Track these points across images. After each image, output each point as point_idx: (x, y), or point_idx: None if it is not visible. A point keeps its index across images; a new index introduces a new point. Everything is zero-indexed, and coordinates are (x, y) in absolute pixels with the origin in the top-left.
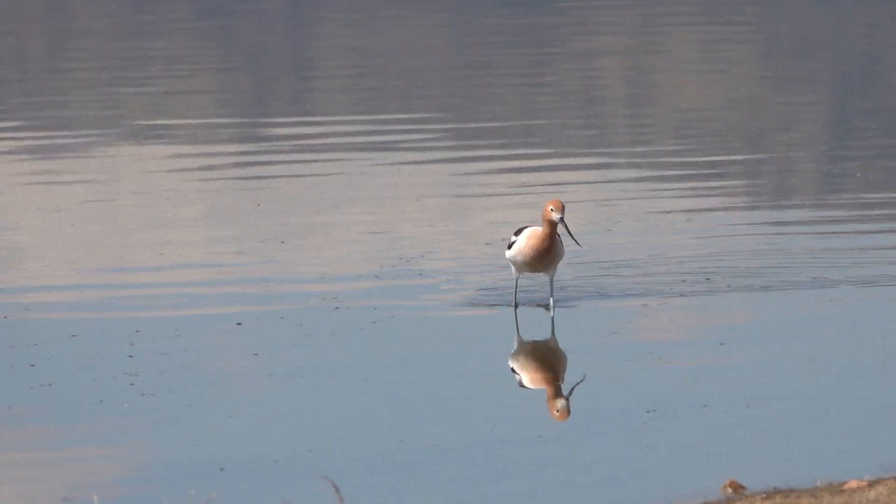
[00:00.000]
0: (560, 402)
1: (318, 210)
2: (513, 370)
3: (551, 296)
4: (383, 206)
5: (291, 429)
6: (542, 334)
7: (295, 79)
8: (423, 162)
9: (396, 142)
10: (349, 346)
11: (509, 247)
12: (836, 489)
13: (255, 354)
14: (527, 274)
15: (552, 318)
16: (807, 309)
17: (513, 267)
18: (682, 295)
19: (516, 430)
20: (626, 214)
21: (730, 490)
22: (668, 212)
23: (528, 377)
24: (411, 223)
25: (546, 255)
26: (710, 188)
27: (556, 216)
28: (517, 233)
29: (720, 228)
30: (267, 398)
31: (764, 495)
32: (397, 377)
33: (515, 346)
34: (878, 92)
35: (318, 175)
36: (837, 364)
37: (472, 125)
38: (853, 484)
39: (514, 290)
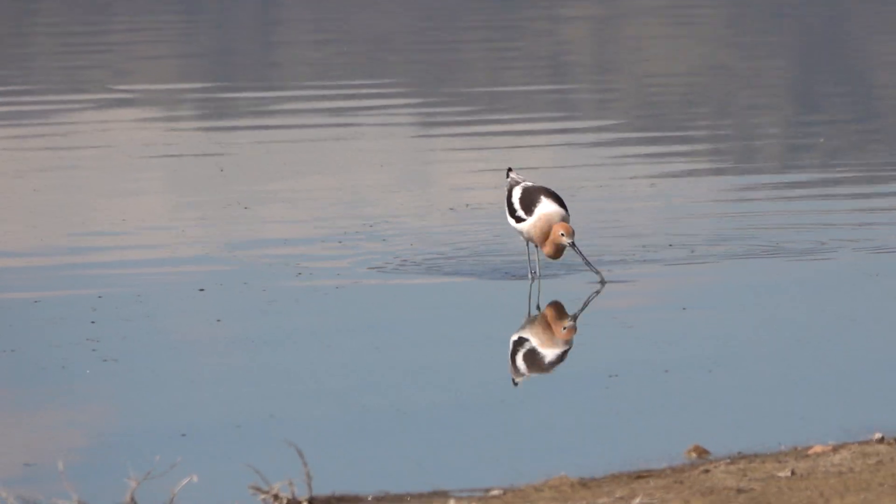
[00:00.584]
0: (567, 322)
1: (281, 176)
2: (514, 340)
3: (535, 269)
4: (347, 171)
5: (254, 395)
6: (508, 301)
7: (259, 45)
8: (387, 127)
9: (361, 108)
10: (312, 311)
11: (510, 209)
12: (800, 454)
13: (218, 320)
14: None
15: (536, 285)
16: (769, 275)
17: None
18: (644, 261)
19: (479, 395)
20: (590, 180)
21: (694, 455)
22: (632, 178)
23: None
24: (375, 189)
25: (551, 256)
26: (675, 153)
27: (566, 241)
28: (524, 202)
29: (684, 195)
30: (230, 364)
31: (728, 460)
32: (360, 343)
33: (525, 315)
34: (843, 58)
35: (281, 141)
36: (800, 330)
37: (437, 92)
38: (818, 449)
39: (527, 259)
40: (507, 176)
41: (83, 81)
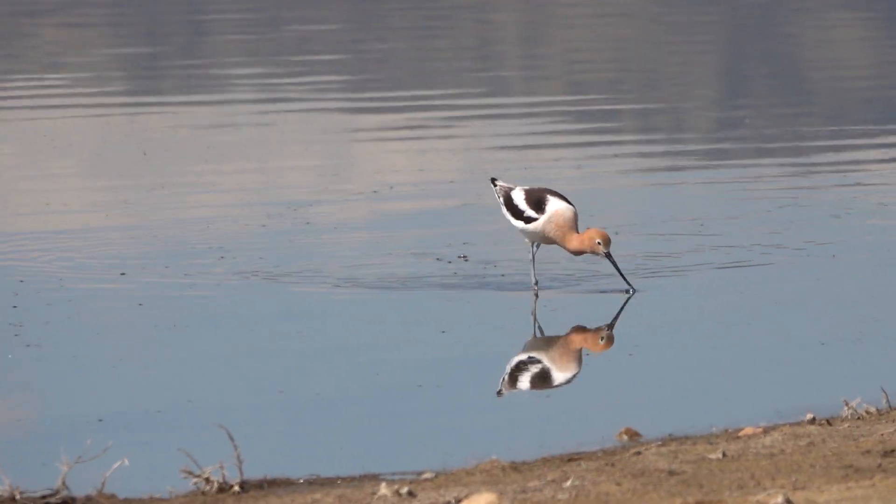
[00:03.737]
0: (603, 332)
1: (204, 158)
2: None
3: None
4: (271, 154)
5: (175, 379)
6: (434, 281)
7: (186, 28)
8: (311, 110)
9: (286, 90)
10: (233, 295)
11: (515, 212)
12: (731, 435)
13: (140, 304)
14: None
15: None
16: (697, 257)
17: (526, 238)
18: None
19: (398, 379)
20: (516, 161)
21: (626, 437)
22: (557, 160)
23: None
24: (299, 171)
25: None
26: (601, 130)
27: (601, 250)
28: (531, 201)
29: (608, 174)
30: (151, 349)
31: (660, 442)
32: (281, 327)
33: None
34: (772, 38)
35: (204, 124)
36: (730, 312)
37: (364, 74)
38: (749, 430)
39: (531, 263)
40: (494, 185)
41: (6, 63)
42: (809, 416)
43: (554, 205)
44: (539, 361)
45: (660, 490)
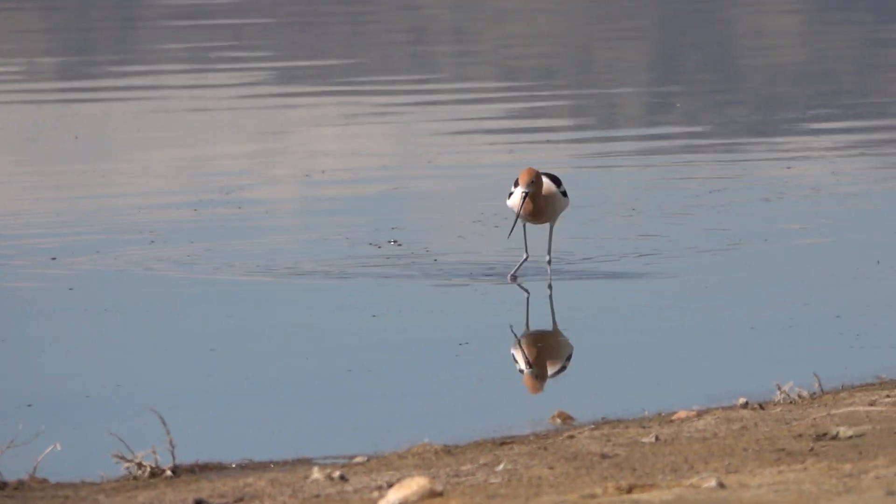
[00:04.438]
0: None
1: (136, 143)
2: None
3: (549, 252)
4: (203, 139)
5: (105, 363)
6: (363, 267)
7: (118, 13)
8: (243, 97)
9: (219, 77)
10: (164, 280)
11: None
12: (664, 419)
13: (70, 289)
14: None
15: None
16: (623, 241)
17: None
18: (496, 226)
19: (328, 364)
20: (448, 146)
21: (558, 421)
22: (490, 144)
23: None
24: (231, 156)
25: (536, 217)
26: (533, 114)
27: (522, 188)
28: (516, 183)
29: (540, 159)
30: (81, 333)
31: (592, 426)
32: (211, 312)
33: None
34: (703, 24)
35: (138, 109)
36: (662, 295)
37: (295, 61)
38: (682, 414)
39: (522, 241)
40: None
41: None
42: (742, 400)
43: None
44: (470, 345)
45: (593, 474)
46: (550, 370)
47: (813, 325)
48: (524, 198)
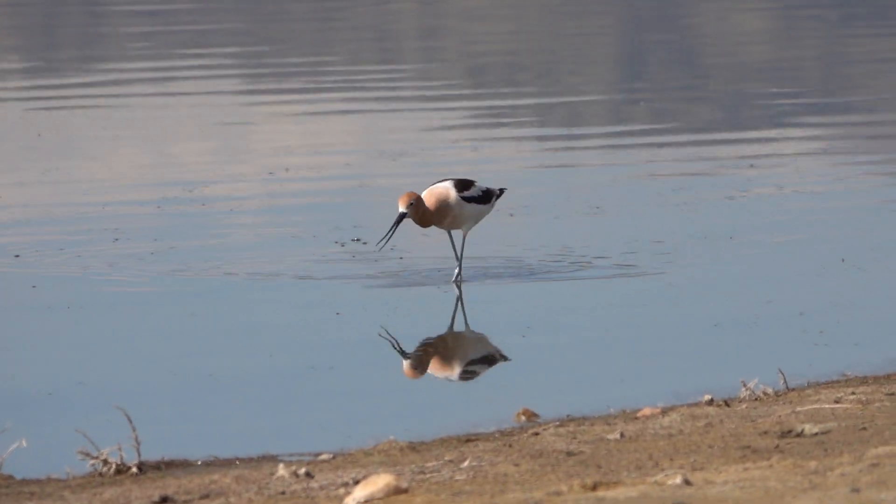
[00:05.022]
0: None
1: (99, 141)
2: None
3: (458, 259)
4: (166, 136)
5: (67, 361)
6: (331, 266)
7: (86, 13)
8: (207, 94)
9: (183, 77)
10: (127, 277)
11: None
12: (629, 416)
13: (34, 287)
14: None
15: (458, 284)
16: (588, 239)
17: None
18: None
19: (292, 361)
20: (412, 143)
21: (524, 418)
22: (455, 141)
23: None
24: (194, 154)
25: (431, 225)
26: (498, 113)
27: (400, 209)
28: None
29: (505, 157)
30: (43, 331)
31: (558, 423)
32: (175, 309)
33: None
34: (668, 22)
35: (101, 106)
36: (628, 294)
37: (259, 57)
38: (647, 411)
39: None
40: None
41: None
42: (707, 397)
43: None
44: (434, 343)
45: (558, 471)
46: (513, 367)
47: (777, 322)
48: (400, 219)
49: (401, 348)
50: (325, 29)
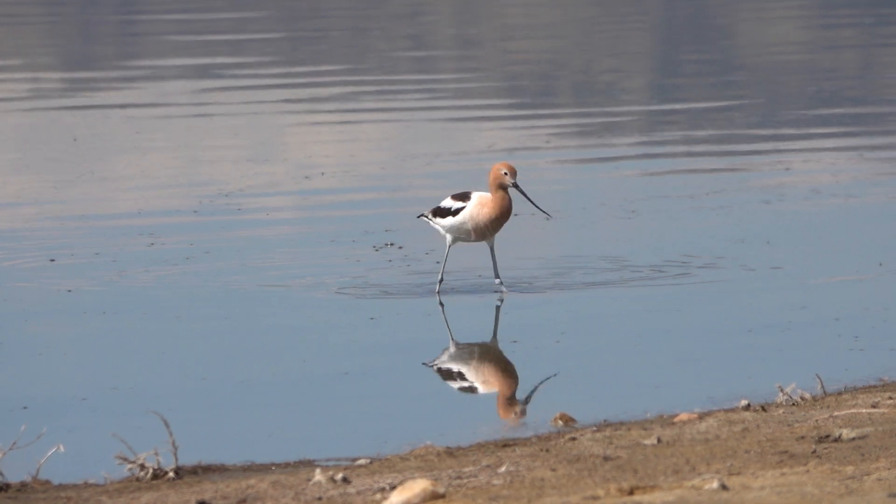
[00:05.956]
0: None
1: (135, 145)
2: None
3: (497, 275)
4: (202, 141)
5: (102, 366)
6: (365, 268)
7: (120, 19)
8: (241, 102)
9: (216, 80)
10: (163, 282)
11: (443, 214)
12: (666, 421)
13: (69, 291)
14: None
15: (502, 296)
16: (623, 243)
17: (449, 236)
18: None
19: (324, 367)
20: (447, 147)
21: (560, 423)
22: (490, 145)
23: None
24: (230, 159)
25: (502, 221)
26: (534, 115)
27: (509, 181)
28: (457, 197)
29: (542, 163)
30: (78, 335)
31: (595, 428)
32: (210, 314)
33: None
34: (704, 26)
35: (136, 110)
36: (659, 299)
37: (298, 66)
38: (684, 416)
39: (443, 261)
40: (421, 217)
41: None
42: (744, 402)
43: (477, 194)
44: (470, 348)
45: (595, 475)
46: (550, 372)
47: (811, 327)
48: (513, 188)
49: (436, 353)
50: (361, 33)
